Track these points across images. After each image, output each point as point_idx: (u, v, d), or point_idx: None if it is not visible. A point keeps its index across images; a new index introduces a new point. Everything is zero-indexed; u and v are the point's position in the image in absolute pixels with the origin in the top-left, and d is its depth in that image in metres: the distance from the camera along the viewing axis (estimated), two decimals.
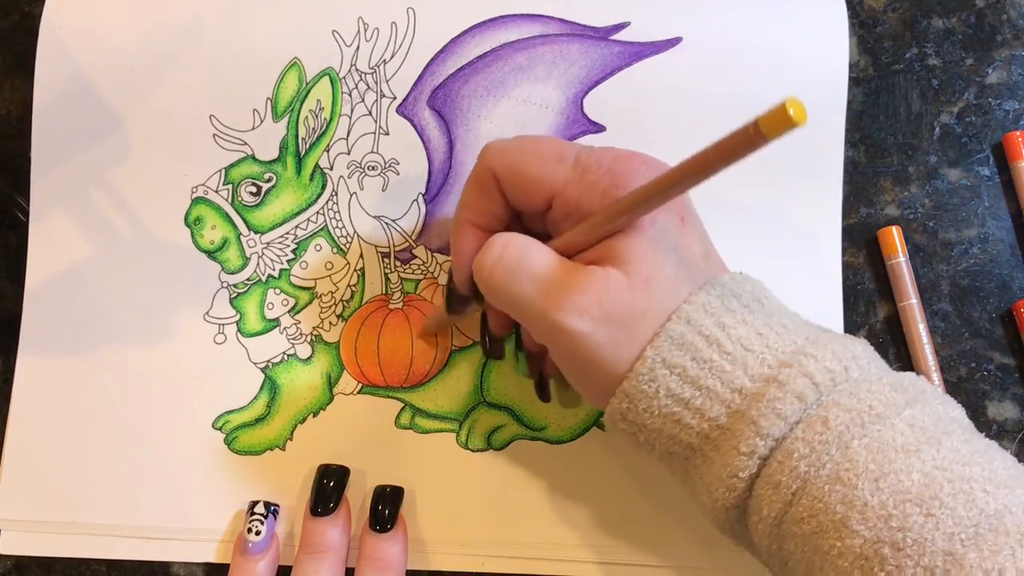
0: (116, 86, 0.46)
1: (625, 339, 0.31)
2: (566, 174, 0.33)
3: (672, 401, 0.31)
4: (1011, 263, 0.43)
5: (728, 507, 0.32)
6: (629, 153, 0.33)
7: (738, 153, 0.26)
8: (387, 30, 0.45)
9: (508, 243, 0.33)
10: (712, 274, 0.33)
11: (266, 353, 0.44)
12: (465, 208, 0.36)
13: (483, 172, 0.35)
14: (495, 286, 0.33)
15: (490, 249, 0.34)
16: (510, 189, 0.35)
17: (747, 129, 0.25)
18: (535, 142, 0.35)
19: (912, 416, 0.30)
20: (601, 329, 0.31)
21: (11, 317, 0.45)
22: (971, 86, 0.44)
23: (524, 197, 0.35)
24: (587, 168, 0.33)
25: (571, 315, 0.31)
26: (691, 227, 0.34)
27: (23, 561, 0.43)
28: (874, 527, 0.28)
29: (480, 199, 0.36)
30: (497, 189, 0.35)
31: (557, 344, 0.33)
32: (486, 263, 0.33)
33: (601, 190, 0.32)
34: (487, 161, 0.35)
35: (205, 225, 0.45)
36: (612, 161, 0.33)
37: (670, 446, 0.33)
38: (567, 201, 0.33)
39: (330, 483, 0.41)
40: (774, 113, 0.24)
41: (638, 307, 0.31)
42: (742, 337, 0.31)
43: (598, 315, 0.31)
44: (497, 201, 0.35)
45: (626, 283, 0.31)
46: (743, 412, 0.31)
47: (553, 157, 0.34)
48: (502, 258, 0.33)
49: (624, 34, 0.45)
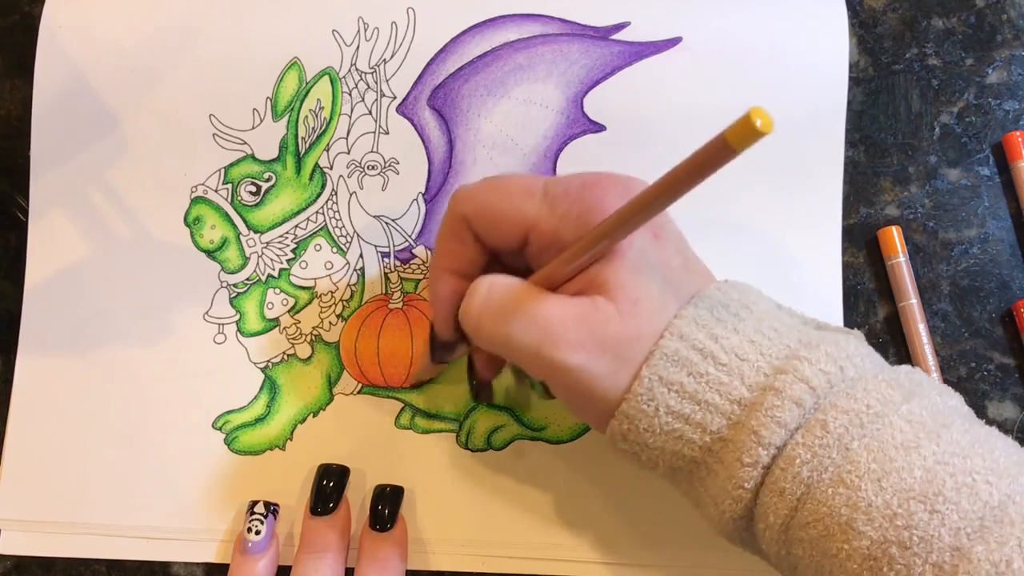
0: (115, 86, 0.46)
1: (621, 366, 0.31)
2: (536, 208, 0.33)
3: (672, 418, 0.31)
4: (1011, 263, 0.43)
5: (735, 518, 0.32)
6: (596, 177, 0.33)
7: (708, 167, 0.25)
8: (387, 30, 0.45)
9: (492, 285, 0.33)
10: (696, 285, 0.33)
11: (266, 353, 0.44)
12: (441, 256, 0.36)
13: (454, 219, 0.35)
14: (484, 331, 0.33)
15: (475, 294, 0.33)
16: (483, 231, 0.34)
17: (715, 142, 0.24)
18: (501, 181, 0.35)
19: (910, 411, 0.30)
20: (597, 361, 0.31)
21: (11, 317, 0.45)
22: (971, 86, 0.44)
23: (498, 237, 0.34)
24: (556, 198, 0.33)
25: (566, 351, 0.31)
26: (666, 241, 0.33)
27: (23, 561, 0.43)
28: (880, 527, 0.28)
29: (455, 246, 0.35)
30: (470, 233, 0.35)
31: (554, 380, 0.32)
32: (472, 308, 0.33)
33: (574, 218, 0.32)
34: (457, 208, 0.35)
35: (205, 225, 0.45)
36: (580, 188, 0.33)
37: (673, 462, 0.32)
38: (542, 234, 0.33)
39: (330, 483, 0.41)
40: (740, 124, 0.23)
41: (629, 333, 0.31)
42: (735, 347, 0.31)
43: (592, 347, 0.31)
44: (471, 246, 0.35)
45: (615, 311, 0.31)
46: (743, 422, 0.31)
47: (521, 193, 0.34)
48: (488, 301, 0.33)
49: (624, 34, 0.45)
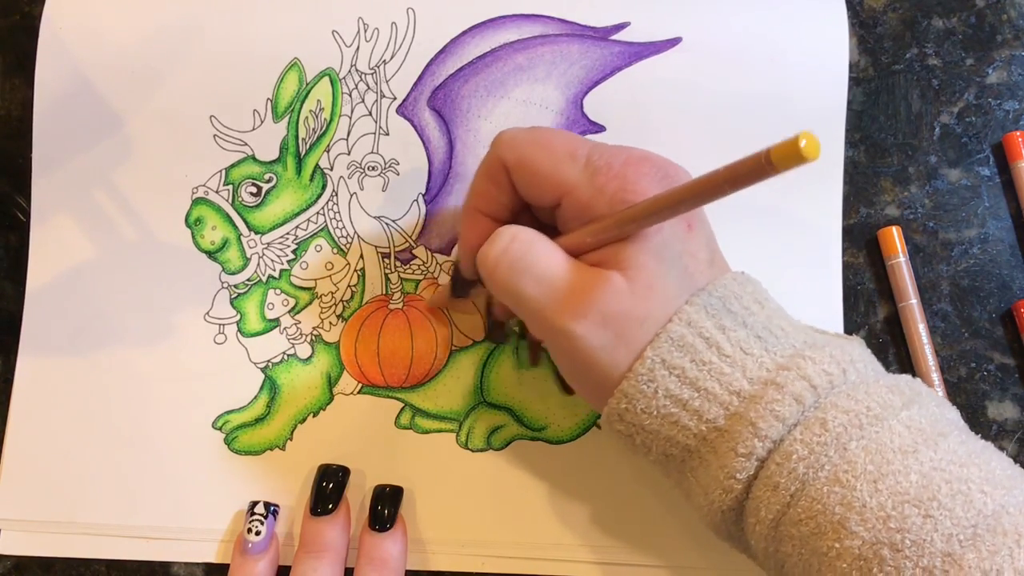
0: (116, 86, 0.46)
1: (621, 344, 0.31)
2: (577, 174, 0.33)
3: (670, 402, 0.31)
4: (1011, 263, 0.43)
5: (724, 509, 0.32)
6: (640, 156, 0.33)
7: (748, 179, 0.26)
8: (387, 30, 0.45)
9: (515, 237, 0.33)
10: (715, 278, 0.33)
11: (266, 353, 0.44)
12: (475, 195, 0.36)
13: (494, 162, 0.35)
14: (498, 279, 0.33)
15: (496, 241, 0.33)
16: (520, 182, 0.34)
17: (759, 157, 0.25)
18: (548, 136, 0.34)
19: (909, 417, 0.30)
20: (597, 333, 0.31)
21: (11, 317, 0.45)
22: (971, 86, 0.44)
23: (534, 192, 0.34)
24: (598, 170, 0.33)
25: (569, 317, 0.31)
26: (698, 233, 0.33)
27: (23, 561, 0.43)
28: (873, 528, 0.28)
29: (490, 188, 0.35)
30: (507, 180, 0.35)
31: (554, 343, 0.33)
32: (491, 255, 0.33)
33: (611, 194, 0.32)
34: (499, 151, 0.35)
35: (206, 226, 0.45)
36: (623, 165, 0.32)
37: (667, 448, 0.33)
38: (576, 201, 0.33)
39: (330, 483, 0.41)
40: (786, 145, 0.24)
41: (637, 313, 0.31)
42: (741, 340, 0.31)
43: (596, 319, 0.31)
44: (506, 191, 0.35)
45: (627, 288, 0.31)
46: (741, 414, 0.31)
47: (565, 155, 0.33)
48: (507, 252, 0.33)
49: (624, 34, 0.45)
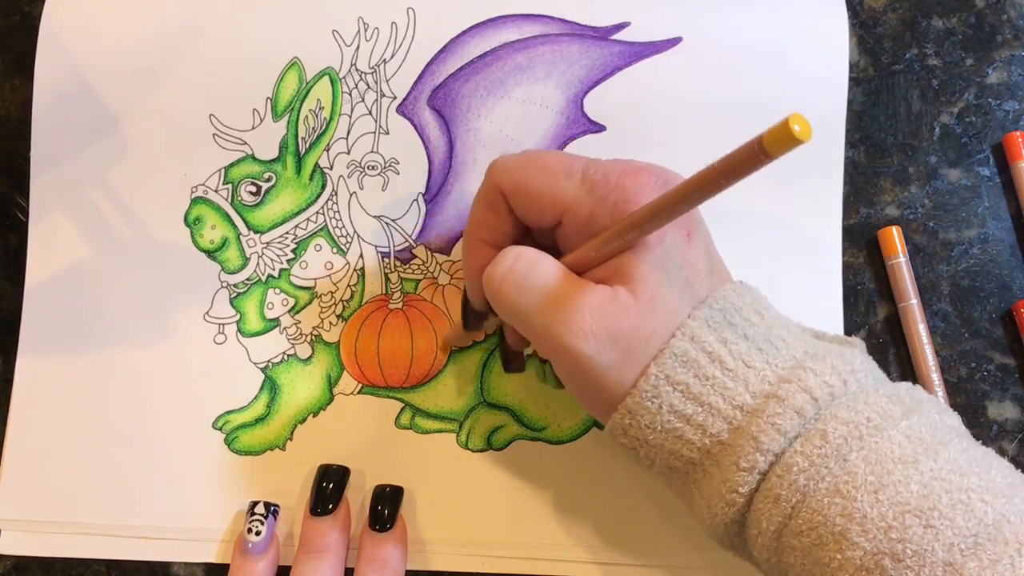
0: (116, 86, 0.46)
1: (628, 362, 0.31)
2: (575, 190, 0.33)
3: (674, 417, 0.31)
4: (1011, 263, 0.43)
5: (727, 522, 0.32)
6: (637, 166, 0.33)
7: (741, 171, 0.25)
8: (387, 30, 0.45)
9: (519, 255, 0.33)
10: (714, 288, 0.33)
11: (266, 353, 0.44)
12: (475, 225, 0.36)
13: (490, 190, 0.35)
14: (503, 299, 0.33)
15: (501, 261, 0.33)
16: (519, 206, 0.34)
17: (751, 145, 0.24)
18: (541, 157, 0.34)
19: (909, 427, 0.30)
20: (606, 352, 0.31)
21: (11, 317, 0.45)
22: (971, 86, 0.44)
23: (533, 213, 0.34)
24: (596, 184, 0.33)
25: (577, 336, 0.31)
26: (697, 241, 0.33)
27: (23, 561, 0.43)
28: (874, 539, 0.28)
29: (489, 216, 0.35)
30: (505, 206, 0.35)
31: (560, 362, 0.33)
32: (496, 274, 0.33)
33: (611, 205, 0.32)
34: (494, 178, 0.35)
35: (205, 225, 0.45)
36: (620, 176, 0.32)
37: (671, 461, 0.33)
38: (577, 217, 0.33)
39: (330, 483, 0.41)
40: (777, 129, 0.23)
41: (643, 330, 0.31)
42: (743, 353, 0.31)
43: (604, 338, 0.31)
44: (506, 218, 0.35)
45: (633, 304, 0.31)
46: (744, 428, 0.31)
47: (561, 173, 0.33)
48: (512, 271, 0.33)
49: (624, 34, 0.45)
